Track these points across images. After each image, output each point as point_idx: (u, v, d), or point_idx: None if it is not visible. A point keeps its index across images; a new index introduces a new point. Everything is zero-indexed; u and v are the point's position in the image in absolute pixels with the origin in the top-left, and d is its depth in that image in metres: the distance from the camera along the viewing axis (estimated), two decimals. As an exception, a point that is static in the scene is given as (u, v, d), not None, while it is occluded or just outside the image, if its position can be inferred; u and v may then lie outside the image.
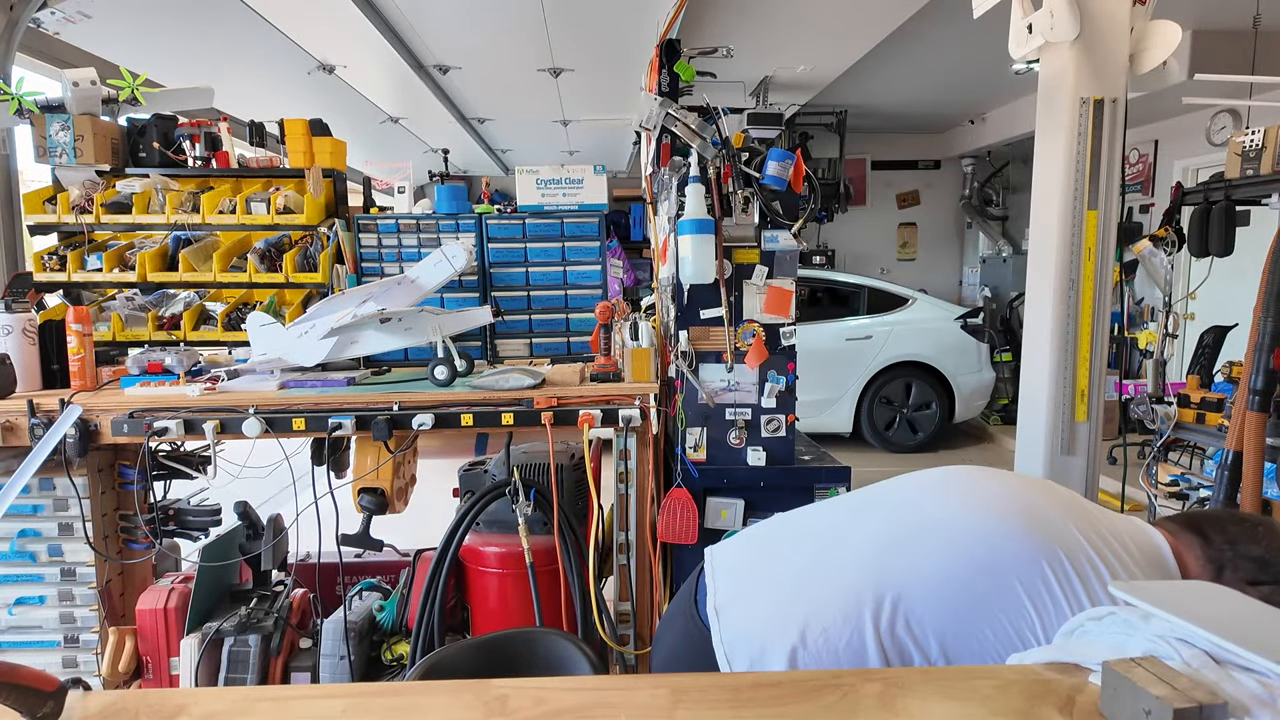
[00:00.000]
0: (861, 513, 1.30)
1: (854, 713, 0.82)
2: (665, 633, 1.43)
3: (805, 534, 1.32)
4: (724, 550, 1.38)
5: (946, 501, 1.23)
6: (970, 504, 1.20)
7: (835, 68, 5.67)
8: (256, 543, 2.34)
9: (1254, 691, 0.74)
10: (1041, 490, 1.23)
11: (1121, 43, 2.33)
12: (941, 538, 1.15)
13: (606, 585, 2.37)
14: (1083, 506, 1.19)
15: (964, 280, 9.62)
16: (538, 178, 2.78)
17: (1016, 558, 1.08)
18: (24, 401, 2.15)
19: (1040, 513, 1.14)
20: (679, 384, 2.30)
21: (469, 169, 9.75)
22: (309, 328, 2.36)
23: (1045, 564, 1.06)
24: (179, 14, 3.74)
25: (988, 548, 1.11)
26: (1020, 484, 1.26)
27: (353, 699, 0.87)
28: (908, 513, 1.25)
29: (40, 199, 2.65)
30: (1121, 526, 1.15)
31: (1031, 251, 2.55)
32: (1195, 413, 3.01)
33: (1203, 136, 6.28)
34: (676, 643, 1.34)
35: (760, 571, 1.29)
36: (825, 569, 1.20)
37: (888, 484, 1.36)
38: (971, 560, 1.10)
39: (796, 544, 1.30)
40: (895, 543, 1.19)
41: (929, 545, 1.15)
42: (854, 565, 1.18)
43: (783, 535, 1.35)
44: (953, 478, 1.30)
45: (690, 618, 1.30)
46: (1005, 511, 1.15)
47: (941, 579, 1.11)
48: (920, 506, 1.25)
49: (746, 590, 1.26)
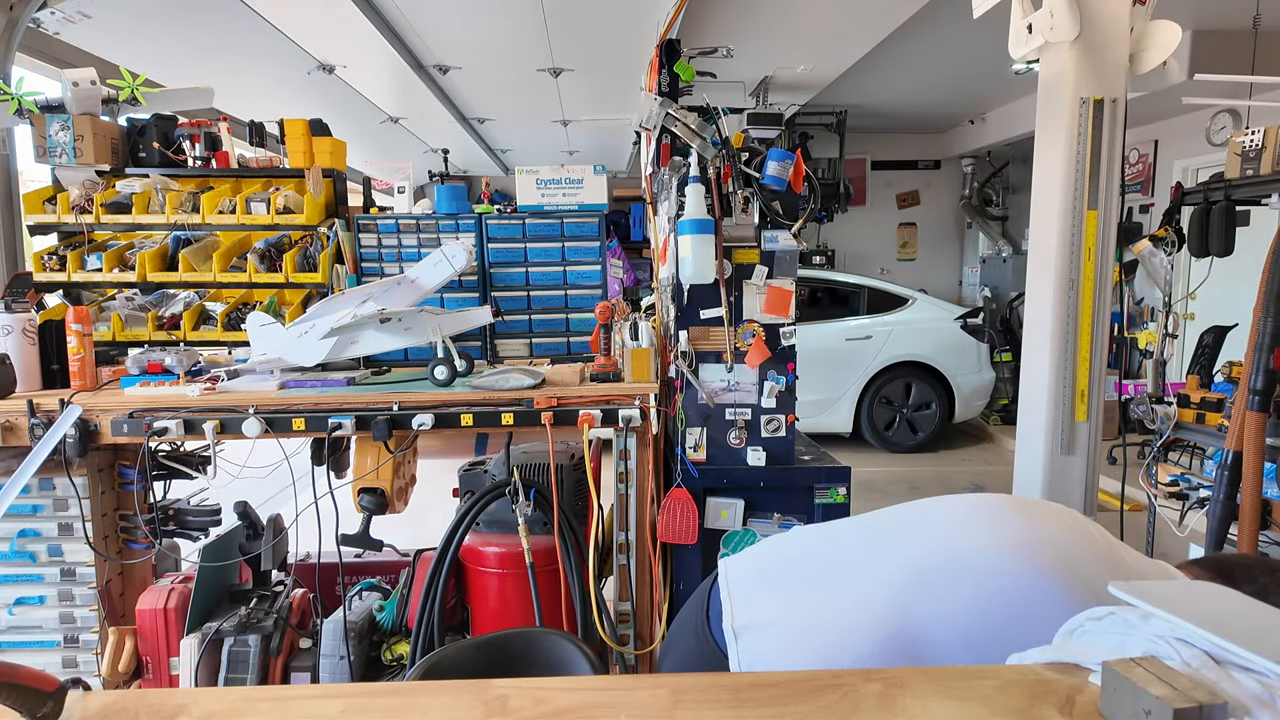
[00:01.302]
0: (890, 541, 1.25)
1: (854, 713, 0.82)
2: (673, 647, 1.39)
3: (830, 561, 1.26)
4: (740, 567, 1.33)
5: (975, 537, 1.19)
6: (1005, 547, 1.15)
7: (835, 68, 5.67)
8: (256, 543, 2.34)
9: (1254, 691, 0.73)
10: (1075, 534, 1.18)
11: (1121, 43, 2.33)
12: (974, 581, 1.12)
13: (606, 585, 2.37)
14: (1115, 555, 1.15)
15: (964, 280, 9.62)
16: (538, 178, 2.78)
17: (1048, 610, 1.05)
18: (24, 401, 2.15)
19: (1077, 565, 1.11)
20: (679, 384, 2.30)
21: (469, 169, 9.75)
22: (309, 328, 2.36)
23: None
24: (179, 14, 3.74)
25: (1021, 598, 1.08)
26: (1055, 527, 1.20)
27: (352, 699, 0.87)
28: (939, 546, 1.20)
29: (40, 199, 2.65)
30: (1150, 575, 1.13)
31: (1031, 251, 2.55)
32: (1195, 413, 3.01)
33: (1203, 136, 6.28)
34: (687, 659, 1.31)
35: (784, 595, 1.24)
36: (851, 604, 1.16)
37: (917, 508, 1.31)
38: (1004, 610, 1.08)
39: (820, 573, 1.25)
40: (924, 580, 1.15)
41: (960, 590, 1.12)
42: (881, 600, 1.14)
43: (806, 559, 1.30)
44: (986, 511, 1.25)
45: (702, 635, 1.26)
46: (1041, 560, 1.11)
47: (969, 622, 1.08)
48: (954, 540, 1.20)
49: (769, 616, 1.21)
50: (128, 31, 3.92)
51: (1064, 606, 1.04)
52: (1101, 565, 1.12)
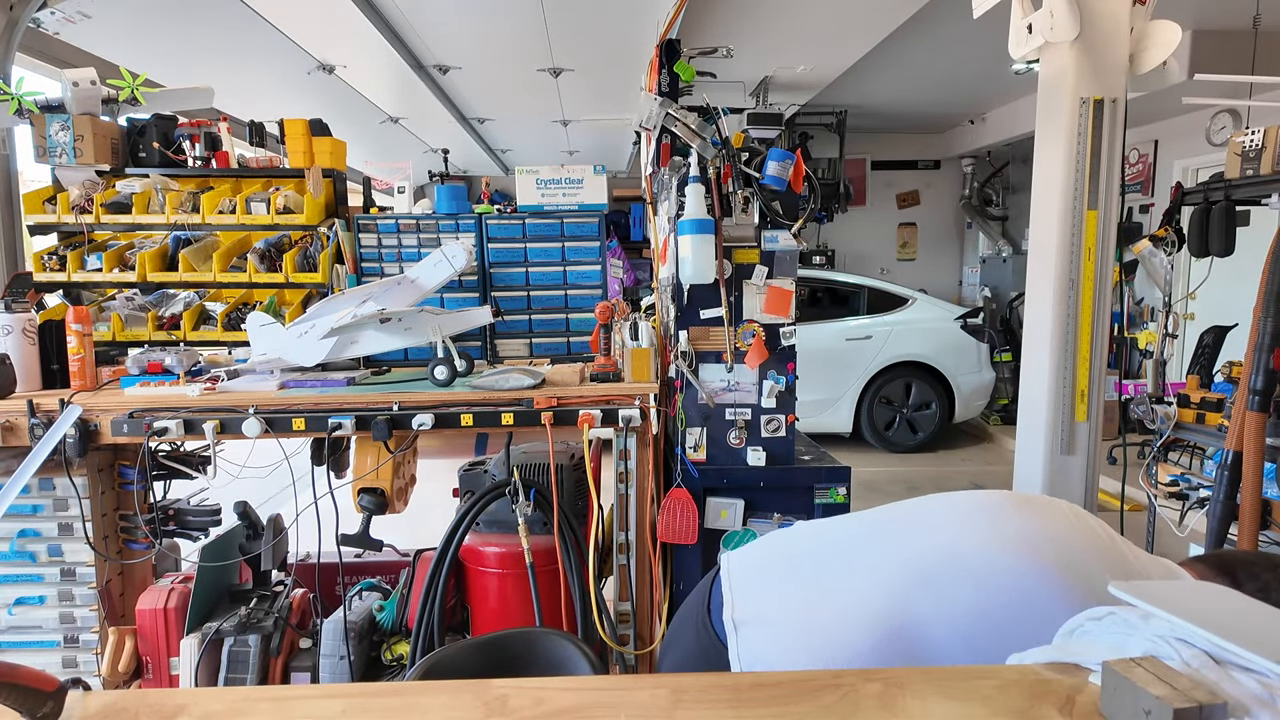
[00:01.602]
0: (891, 538, 1.25)
1: (854, 713, 0.82)
2: (675, 641, 1.40)
3: (831, 557, 1.27)
4: (742, 561, 1.34)
5: (976, 535, 1.19)
6: (1007, 546, 1.15)
7: (835, 68, 5.67)
8: (256, 543, 2.34)
9: (1254, 691, 0.73)
10: (1077, 531, 1.18)
11: (1121, 43, 2.33)
12: (974, 581, 1.12)
13: (606, 585, 2.37)
14: (1118, 552, 1.15)
15: (964, 280, 9.62)
16: (538, 178, 2.78)
17: (1049, 610, 1.04)
18: (24, 401, 2.15)
19: (1079, 564, 1.10)
20: (679, 384, 2.30)
21: (469, 169, 9.75)
22: (309, 328, 2.36)
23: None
24: (179, 14, 3.74)
25: (1022, 597, 1.08)
26: (1058, 525, 1.20)
27: (352, 699, 0.87)
28: (940, 545, 1.20)
29: (40, 199, 2.65)
30: (1154, 572, 1.13)
31: (1031, 251, 2.55)
32: (1195, 413, 3.01)
33: (1203, 136, 6.28)
34: (688, 653, 1.31)
35: (782, 593, 1.25)
36: (851, 604, 1.16)
37: (918, 505, 1.31)
38: (1005, 610, 1.08)
39: (820, 572, 1.25)
40: (924, 579, 1.15)
41: (960, 587, 1.12)
42: (881, 597, 1.14)
43: (806, 554, 1.30)
44: (988, 509, 1.24)
45: (703, 627, 1.27)
46: (1043, 559, 1.11)
47: (969, 622, 1.08)
48: (955, 538, 1.20)
49: (769, 614, 1.22)
50: (128, 31, 3.92)
51: (1065, 606, 1.04)
52: (1103, 563, 1.11)
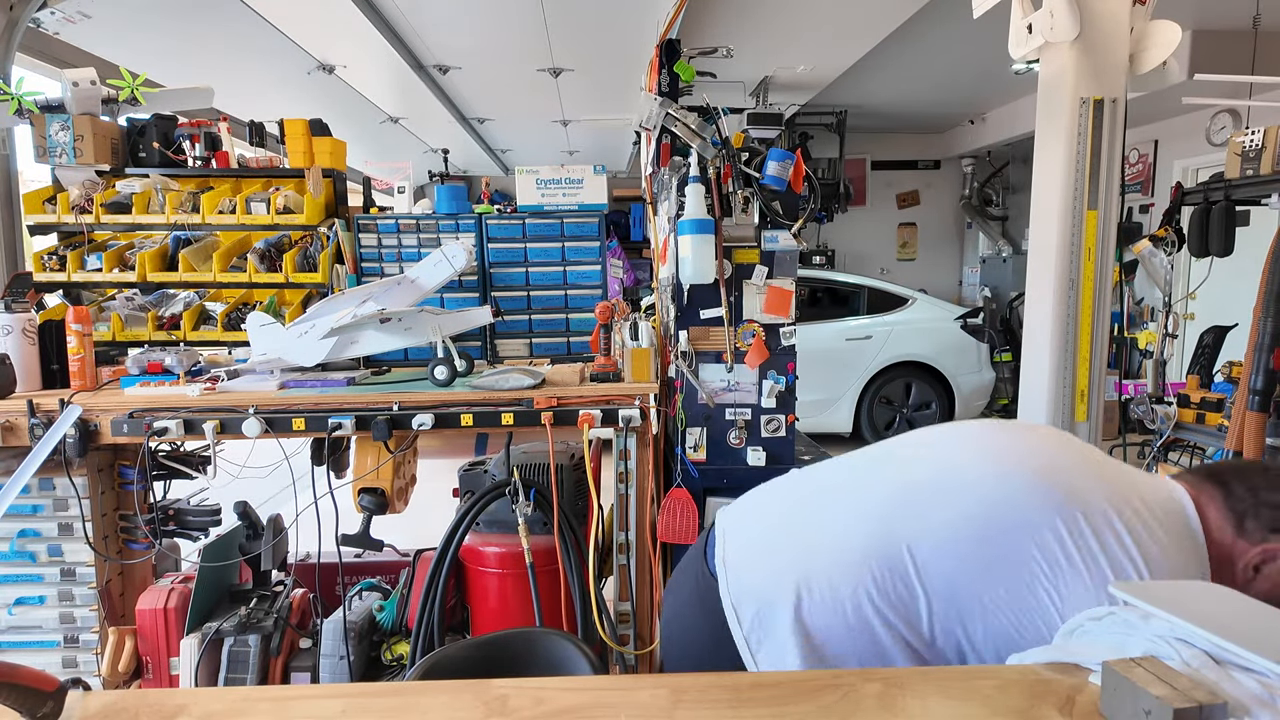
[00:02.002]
0: (874, 464, 1.30)
1: (854, 713, 0.82)
2: (676, 587, 1.45)
3: (815, 488, 1.32)
4: (732, 508, 1.40)
5: (961, 451, 1.21)
6: (987, 455, 1.17)
7: (835, 68, 5.67)
8: (256, 543, 2.34)
9: (1254, 691, 0.74)
10: (1063, 446, 1.19)
11: (1121, 43, 2.33)
12: (954, 487, 1.13)
13: (606, 585, 2.37)
14: (1104, 465, 1.15)
15: (964, 280, 9.62)
16: (538, 178, 2.78)
17: (1032, 515, 1.05)
18: (24, 401, 2.15)
19: (1061, 470, 1.11)
20: (679, 384, 2.30)
21: (469, 169, 9.75)
22: (309, 328, 2.36)
23: (1061, 523, 1.04)
24: (179, 14, 3.74)
25: (1003, 500, 1.09)
26: (1041, 438, 1.22)
27: (352, 699, 0.87)
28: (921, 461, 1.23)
29: (40, 199, 2.65)
30: (1144, 484, 1.12)
31: (1031, 251, 2.55)
32: (1195, 413, 3.01)
33: (1203, 136, 6.29)
34: (687, 596, 1.37)
35: (768, 525, 1.30)
36: (834, 520, 1.20)
37: (903, 436, 1.35)
38: (986, 513, 1.08)
39: (806, 499, 1.30)
40: (906, 491, 1.17)
41: (941, 495, 1.13)
42: (862, 514, 1.17)
43: (792, 491, 1.36)
44: (970, 429, 1.28)
45: (700, 570, 1.33)
46: (1024, 466, 1.12)
47: (952, 529, 1.09)
48: (935, 455, 1.23)
49: (755, 543, 1.27)
50: (128, 31, 3.92)
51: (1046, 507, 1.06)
52: (1084, 469, 1.12)
